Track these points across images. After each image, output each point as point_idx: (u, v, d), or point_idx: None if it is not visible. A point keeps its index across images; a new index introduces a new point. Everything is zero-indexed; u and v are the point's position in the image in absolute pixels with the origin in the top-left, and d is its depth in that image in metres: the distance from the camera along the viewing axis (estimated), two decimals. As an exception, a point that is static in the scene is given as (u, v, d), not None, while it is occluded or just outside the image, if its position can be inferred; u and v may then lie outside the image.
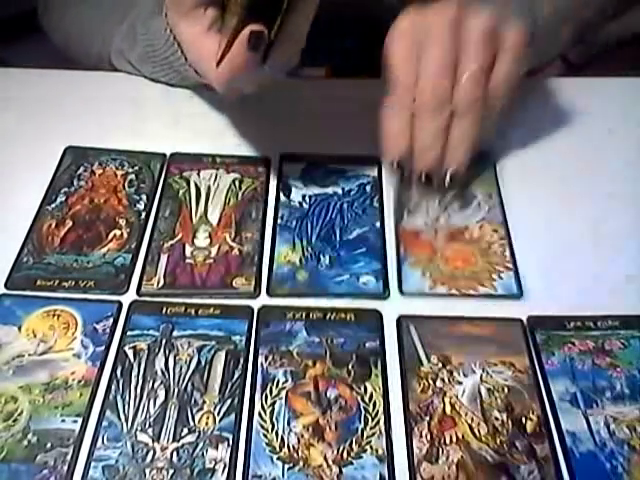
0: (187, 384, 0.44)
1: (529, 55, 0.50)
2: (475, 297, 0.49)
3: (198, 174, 0.57)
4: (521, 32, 0.49)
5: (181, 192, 0.56)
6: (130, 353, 0.45)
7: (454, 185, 0.53)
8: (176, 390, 0.44)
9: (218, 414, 0.42)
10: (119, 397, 0.43)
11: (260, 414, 0.42)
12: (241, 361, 0.45)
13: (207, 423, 0.42)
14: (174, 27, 0.49)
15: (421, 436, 0.42)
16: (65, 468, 0.40)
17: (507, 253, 0.52)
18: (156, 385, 0.44)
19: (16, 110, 0.62)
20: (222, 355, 0.45)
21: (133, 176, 0.57)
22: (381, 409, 0.43)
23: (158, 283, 0.49)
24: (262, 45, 0.42)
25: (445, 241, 0.53)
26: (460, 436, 0.42)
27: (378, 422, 0.42)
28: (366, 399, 0.43)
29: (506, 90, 0.49)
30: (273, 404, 0.43)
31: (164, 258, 0.51)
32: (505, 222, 0.54)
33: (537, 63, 0.62)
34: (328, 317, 0.47)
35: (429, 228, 0.53)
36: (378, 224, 0.54)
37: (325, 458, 0.41)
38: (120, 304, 0.48)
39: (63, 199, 0.55)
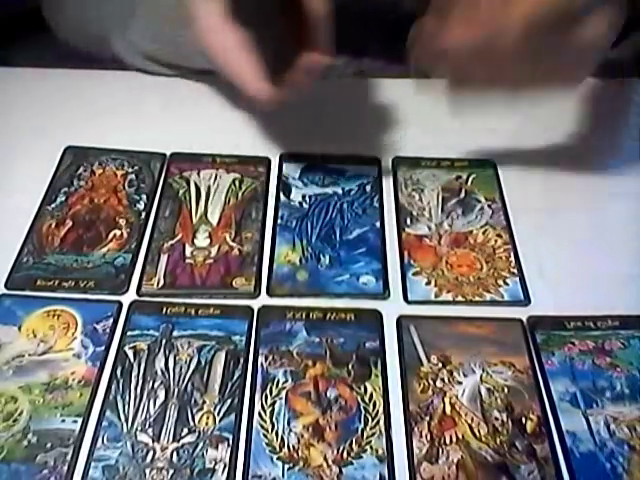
0: (187, 384, 0.44)
1: None
2: (481, 304, 0.49)
3: (198, 174, 0.57)
4: None
5: (181, 192, 0.56)
6: (130, 353, 0.45)
7: None
8: (176, 390, 0.43)
9: (218, 414, 0.42)
10: (119, 397, 0.43)
11: (260, 414, 0.42)
12: (241, 361, 0.45)
13: (207, 423, 0.42)
14: (191, 5, 0.48)
15: (421, 436, 0.42)
16: (65, 468, 0.40)
17: (512, 258, 0.52)
18: (156, 385, 0.44)
19: (16, 110, 0.62)
20: (222, 355, 0.45)
21: (133, 176, 0.57)
22: (381, 409, 0.43)
23: (158, 283, 0.49)
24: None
25: (449, 246, 0.52)
26: (460, 436, 0.42)
27: (378, 422, 0.42)
28: (366, 399, 0.43)
29: None
30: (273, 404, 0.43)
31: (164, 258, 0.51)
32: (509, 226, 0.54)
33: None
34: (328, 317, 0.47)
35: (433, 233, 0.53)
36: (378, 224, 0.54)
37: (325, 458, 0.41)
38: (120, 304, 0.48)
39: (63, 199, 0.55)
